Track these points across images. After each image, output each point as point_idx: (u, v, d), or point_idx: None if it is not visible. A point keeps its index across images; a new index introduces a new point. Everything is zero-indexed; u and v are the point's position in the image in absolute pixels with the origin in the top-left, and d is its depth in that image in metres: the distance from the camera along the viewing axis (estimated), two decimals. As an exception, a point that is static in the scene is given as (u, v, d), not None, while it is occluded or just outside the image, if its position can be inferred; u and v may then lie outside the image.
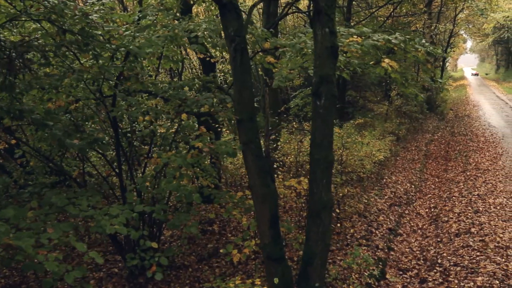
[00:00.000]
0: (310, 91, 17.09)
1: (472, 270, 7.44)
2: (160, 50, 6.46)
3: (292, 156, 10.81)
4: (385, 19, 19.62)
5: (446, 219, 10.22)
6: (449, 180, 13.69)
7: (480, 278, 7.08)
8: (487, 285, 6.85)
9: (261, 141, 6.07)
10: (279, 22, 24.18)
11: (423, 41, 5.68)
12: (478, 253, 8.06)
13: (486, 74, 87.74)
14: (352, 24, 18.95)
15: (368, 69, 7.27)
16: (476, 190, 12.07)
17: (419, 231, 10.09)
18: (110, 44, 4.78)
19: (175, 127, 6.20)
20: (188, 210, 5.42)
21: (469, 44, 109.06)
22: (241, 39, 4.96)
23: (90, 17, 4.38)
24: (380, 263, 8.03)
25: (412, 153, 17.48)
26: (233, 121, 9.76)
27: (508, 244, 8.37)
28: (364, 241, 8.64)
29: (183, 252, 7.81)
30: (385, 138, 16.59)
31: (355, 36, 5.73)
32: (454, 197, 11.76)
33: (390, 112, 23.01)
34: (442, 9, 31.60)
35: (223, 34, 5.28)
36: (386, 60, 5.49)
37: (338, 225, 8.90)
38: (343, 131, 10.91)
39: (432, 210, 11.29)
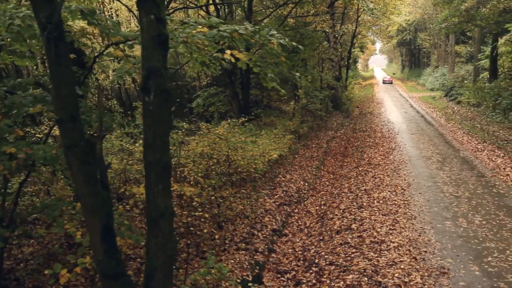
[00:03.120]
0: (214, 90, 16.43)
1: (345, 268, 7.33)
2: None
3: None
4: (285, 18, 19.65)
5: (331, 216, 10.20)
6: (342, 176, 13.87)
7: (350, 277, 6.97)
8: (356, 283, 6.75)
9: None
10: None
11: (273, 31, 5.36)
12: (353, 250, 8.00)
13: (393, 73, 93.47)
14: (252, 23, 18.80)
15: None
16: (364, 185, 12.29)
17: (305, 230, 9.95)
18: None
19: None
20: None
21: (378, 45, 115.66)
22: (54, 27, 4.26)
23: None
24: (257, 267, 7.69)
25: (312, 150, 17.63)
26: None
27: (383, 238, 8.43)
28: (243, 244, 8.27)
29: (31, 271, 6.89)
30: (284, 136, 16.55)
31: (200, 27, 5.27)
32: (343, 193, 11.86)
33: (296, 111, 23.22)
34: (346, 10, 32.77)
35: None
36: (228, 51, 5.09)
37: (201, 230, 8.33)
38: (228, 131, 10.51)
39: (322, 207, 11.26)
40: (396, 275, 6.94)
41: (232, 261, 7.57)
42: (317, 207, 11.37)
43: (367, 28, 44.25)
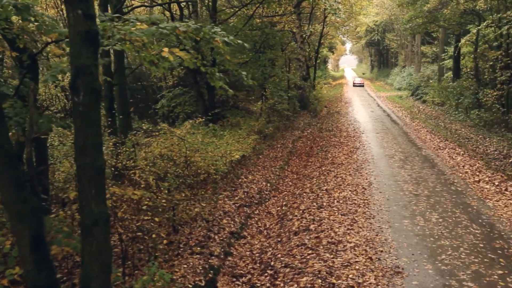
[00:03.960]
0: (180, 91, 16.09)
1: (300, 270, 7.21)
2: None
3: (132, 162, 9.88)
4: (249, 17, 19.50)
5: (291, 217, 10.09)
6: (305, 176, 13.81)
7: (304, 279, 6.86)
8: (309, 285, 6.64)
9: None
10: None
11: (217, 29, 5.18)
12: (310, 251, 7.90)
13: (363, 73, 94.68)
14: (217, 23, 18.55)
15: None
16: (326, 184, 12.25)
17: (265, 231, 9.80)
18: None
19: None
20: None
21: (348, 46, 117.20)
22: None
23: None
24: (212, 271, 7.48)
25: (277, 150, 17.53)
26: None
27: (340, 238, 8.37)
28: (198, 248, 8.05)
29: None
30: (249, 136, 16.40)
31: (139, 23, 5.05)
32: (304, 194, 11.78)
33: (263, 111, 23.12)
34: (313, 10, 32.88)
35: None
36: (166, 49, 4.90)
37: (153, 235, 8.03)
38: (191, 131, 10.27)
39: (283, 208, 11.14)
40: (351, 276, 6.86)
41: (185, 265, 7.34)
42: (278, 208, 11.25)
43: (335, 29, 44.63)
